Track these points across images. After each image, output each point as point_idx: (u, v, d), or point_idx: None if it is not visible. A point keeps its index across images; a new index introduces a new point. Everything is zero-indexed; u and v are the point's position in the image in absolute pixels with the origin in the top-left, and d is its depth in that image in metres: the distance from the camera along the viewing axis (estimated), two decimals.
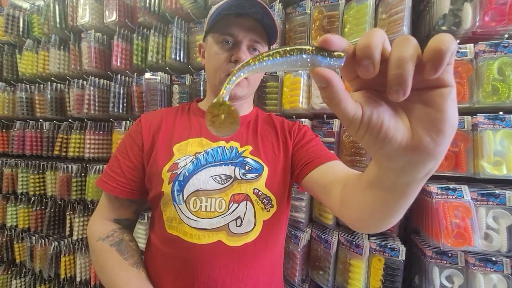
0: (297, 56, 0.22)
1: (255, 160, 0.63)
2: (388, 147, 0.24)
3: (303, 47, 0.22)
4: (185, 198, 0.58)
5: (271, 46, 0.70)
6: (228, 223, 0.57)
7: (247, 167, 0.61)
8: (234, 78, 0.23)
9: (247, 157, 0.63)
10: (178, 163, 0.60)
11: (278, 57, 0.22)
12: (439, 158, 0.24)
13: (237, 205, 0.58)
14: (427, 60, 0.20)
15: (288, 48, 0.22)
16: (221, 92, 0.24)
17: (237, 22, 0.60)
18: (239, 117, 0.25)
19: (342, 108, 0.22)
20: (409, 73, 0.20)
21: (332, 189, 0.50)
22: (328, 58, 0.22)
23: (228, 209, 0.58)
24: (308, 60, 0.22)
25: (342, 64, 0.22)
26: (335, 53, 0.22)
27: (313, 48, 0.22)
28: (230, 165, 0.61)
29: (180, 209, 0.57)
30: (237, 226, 0.58)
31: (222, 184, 0.59)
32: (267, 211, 0.60)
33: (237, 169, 0.61)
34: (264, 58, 0.22)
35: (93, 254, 0.62)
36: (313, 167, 0.59)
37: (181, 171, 0.59)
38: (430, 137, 0.23)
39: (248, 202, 0.59)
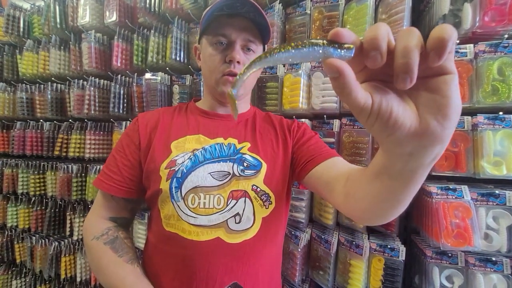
0: (309, 48, 0.23)
1: (253, 157, 0.63)
2: (398, 133, 0.25)
3: (316, 40, 0.23)
4: (183, 195, 0.58)
5: (265, 45, 0.70)
6: (227, 220, 0.57)
7: (245, 164, 0.61)
8: (251, 70, 0.25)
9: (245, 154, 0.63)
10: (176, 160, 0.60)
11: (291, 50, 0.23)
12: (445, 142, 0.26)
13: (235, 201, 0.58)
14: (430, 48, 0.21)
15: (300, 42, 0.23)
16: (234, 81, 0.27)
17: (229, 23, 0.61)
18: (236, 111, 0.30)
19: (353, 97, 0.23)
20: (415, 61, 0.21)
21: (336, 185, 0.51)
22: (339, 50, 0.23)
23: (227, 205, 0.58)
24: (321, 51, 0.23)
25: (352, 55, 0.23)
26: (345, 45, 0.23)
27: (325, 41, 0.23)
28: (228, 161, 0.61)
29: (178, 206, 0.57)
30: (236, 223, 0.58)
31: (221, 180, 0.59)
32: (266, 208, 0.61)
33: (235, 165, 0.61)
34: (277, 51, 0.24)
35: (89, 253, 0.62)
36: (316, 164, 0.60)
37: (179, 168, 0.59)
38: (437, 121, 0.24)
39: (247, 199, 0.59)
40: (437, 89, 0.24)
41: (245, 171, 0.61)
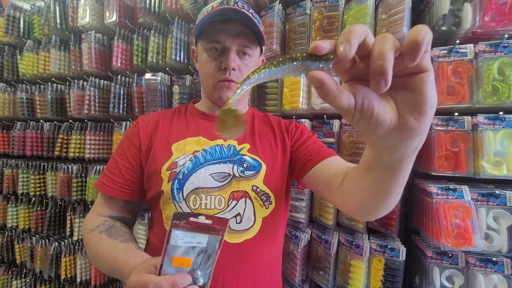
0: (289, 64, 0.25)
1: (253, 158, 0.63)
2: (379, 129, 0.27)
3: (294, 55, 0.25)
4: (185, 196, 0.58)
5: (263, 47, 0.70)
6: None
7: (245, 165, 0.62)
8: (238, 91, 0.26)
9: (245, 155, 0.63)
10: (177, 161, 0.61)
11: (273, 68, 0.25)
12: (424, 134, 0.28)
13: (236, 202, 0.59)
14: (405, 51, 0.22)
15: (280, 58, 0.25)
16: (229, 101, 0.28)
17: (223, 29, 0.61)
18: (245, 119, 0.29)
19: (337, 101, 0.25)
20: (389, 63, 0.22)
21: (335, 183, 0.53)
22: (317, 62, 0.24)
23: (228, 206, 0.59)
24: (299, 66, 0.25)
25: (331, 65, 0.25)
26: (324, 57, 0.24)
27: (303, 55, 0.24)
28: (228, 163, 0.62)
29: (180, 207, 0.58)
30: (237, 223, 0.59)
31: (221, 182, 0.60)
32: (266, 208, 0.61)
33: (235, 166, 0.62)
34: (261, 71, 0.25)
35: (87, 247, 0.62)
36: (314, 163, 0.61)
37: (180, 170, 0.60)
38: (414, 117, 0.26)
39: (247, 199, 0.60)
40: (414, 87, 0.25)
41: (245, 172, 0.62)
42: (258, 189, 0.61)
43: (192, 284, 0.44)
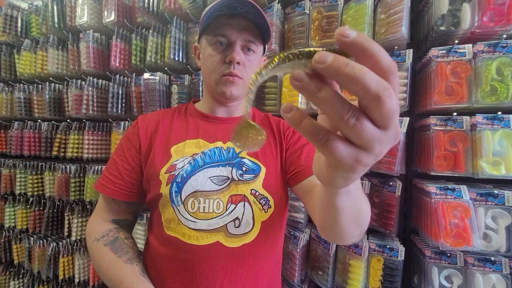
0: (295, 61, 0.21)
1: (252, 161, 0.63)
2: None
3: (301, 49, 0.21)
4: (183, 199, 0.58)
5: (266, 46, 0.69)
6: (226, 224, 0.57)
7: (244, 168, 0.61)
8: (250, 96, 0.23)
9: (244, 158, 0.63)
10: (176, 164, 0.60)
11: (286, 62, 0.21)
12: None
13: (234, 206, 0.58)
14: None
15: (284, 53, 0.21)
16: (244, 114, 0.25)
17: (229, 23, 0.60)
18: (264, 132, 0.26)
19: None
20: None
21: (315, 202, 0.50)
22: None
23: (226, 210, 0.58)
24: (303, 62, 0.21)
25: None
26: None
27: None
28: (227, 166, 0.61)
29: (178, 210, 0.58)
30: (235, 227, 0.58)
31: (220, 185, 0.59)
32: (265, 212, 0.60)
33: (234, 170, 0.61)
34: (268, 66, 0.22)
35: (91, 255, 0.62)
36: (304, 177, 0.59)
37: (178, 173, 0.59)
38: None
39: (246, 203, 0.59)
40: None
41: (244, 175, 0.61)
42: (257, 193, 0.60)
43: None
